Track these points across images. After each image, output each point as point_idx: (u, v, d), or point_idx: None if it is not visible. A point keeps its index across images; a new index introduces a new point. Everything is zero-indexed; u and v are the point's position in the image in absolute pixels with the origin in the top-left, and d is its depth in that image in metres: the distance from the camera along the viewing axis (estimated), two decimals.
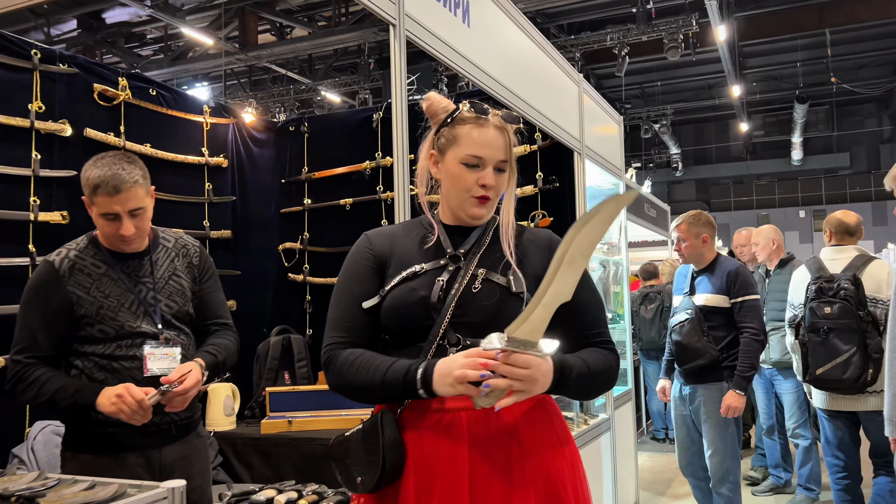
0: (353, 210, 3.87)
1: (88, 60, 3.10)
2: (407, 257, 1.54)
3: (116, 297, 2.03)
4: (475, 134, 1.49)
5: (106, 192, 1.92)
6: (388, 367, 1.41)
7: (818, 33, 15.58)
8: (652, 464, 5.67)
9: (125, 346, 2.01)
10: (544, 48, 3.17)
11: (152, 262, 2.12)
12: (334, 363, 1.48)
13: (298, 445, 3.17)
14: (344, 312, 1.52)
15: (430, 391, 1.36)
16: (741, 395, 3.37)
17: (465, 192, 1.51)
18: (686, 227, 3.58)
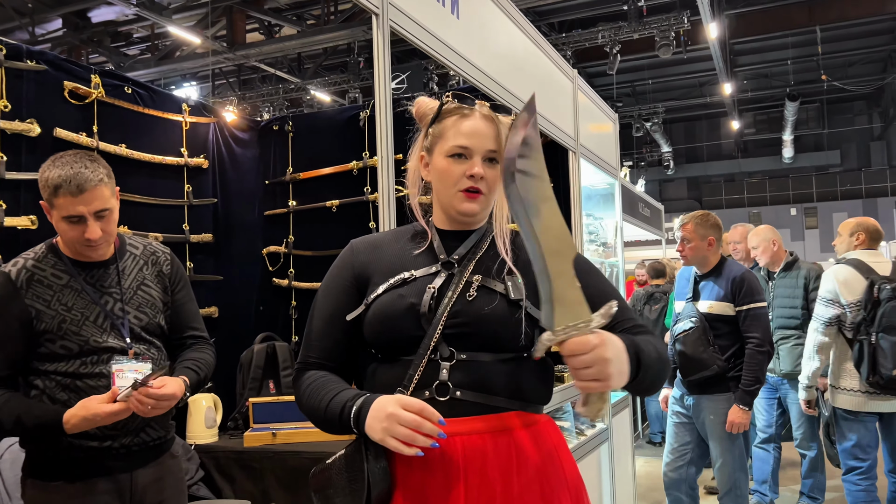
0: (339, 212, 3.72)
1: (58, 57, 2.94)
2: (396, 264, 1.42)
3: (80, 310, 1.88)
4: (460, 124, 1.39)
5: (69, 192, 1.78)
6: (332, 396, 1.33)
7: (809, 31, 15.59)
8: (649, 469, 5.55)
9: (90, 362, 1.86)
10: (538, 42, 3.04)
11: (119, 271, 1.97)
12: (298, 384, 1.41)
13: (283, 459, 3.03)
14: (315, 329, 1.44)
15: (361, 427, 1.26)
16: (745, 410, 3.23)
17: (452, 187, 1.39)
18: (693, 228, 3.42)
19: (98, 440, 1.84)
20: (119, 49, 13.78)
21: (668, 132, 21.60)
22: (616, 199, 4.37)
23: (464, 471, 1.26)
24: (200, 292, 3.55)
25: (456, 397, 1.30)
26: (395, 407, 1.20)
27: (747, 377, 3.22)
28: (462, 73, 2.28)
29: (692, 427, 3.46)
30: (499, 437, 1.29)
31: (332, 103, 14.37)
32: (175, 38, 12.58)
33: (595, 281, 1.44)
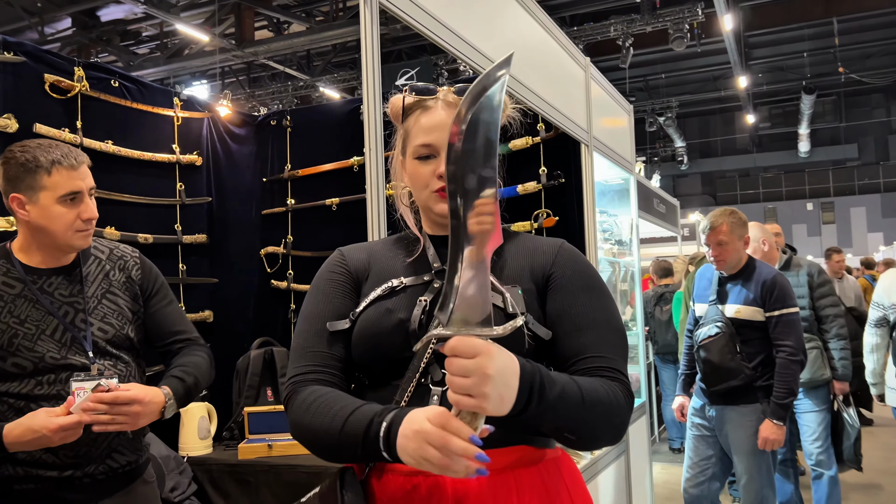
0: (340, 211, 3.55)
1: (38, 48, 2.77)
2: (385, 272, 1.25)
3: (34, 323, 1.68)
4: (422, 120, 1.24)
5: (69, 167, 1.69)
6: (350, 411, 1.08)
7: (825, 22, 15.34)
8: (666, 477, 5.35)
9: (46, 382, 1.66)
10: (548, 27, 2.85)
11: (82, 278, 1.77)
12: (293, 402, 1.16)
13: (279, 473, 2.86)
14: (311, 338, 1.21)
15: (395, 455, 1.01)
16: (779, 425, 2.97)
17: (424, 189, 1.23)
18: (729, 229, 3.12)
19: (57, 469, 1.64)
20: (128, 48, 13.72)
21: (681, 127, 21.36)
22: (631, 195, 4.16)
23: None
24: (194, 296, 3.40)
25: None
26: (422, 422, 0.97)
27: (780, 389, 2.97)
28: (464, 58, 2.09)
29: (714, 440, 3.22)
30: (497, 478, 1.11)
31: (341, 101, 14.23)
32: (183, 37, 12.50)
33: (584, 301, 1.20)
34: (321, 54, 14.61)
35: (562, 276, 1.23)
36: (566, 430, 1.09)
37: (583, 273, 1.25)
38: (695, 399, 3.32)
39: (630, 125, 4.20)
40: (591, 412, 1.07)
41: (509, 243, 1.28)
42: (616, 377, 1.15)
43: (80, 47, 12.84)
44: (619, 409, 1.11)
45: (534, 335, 1.16)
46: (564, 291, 1.21)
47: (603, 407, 1.09)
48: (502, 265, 1.24)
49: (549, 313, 1.21)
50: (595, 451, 2.80)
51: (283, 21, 12.53)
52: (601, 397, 1.09)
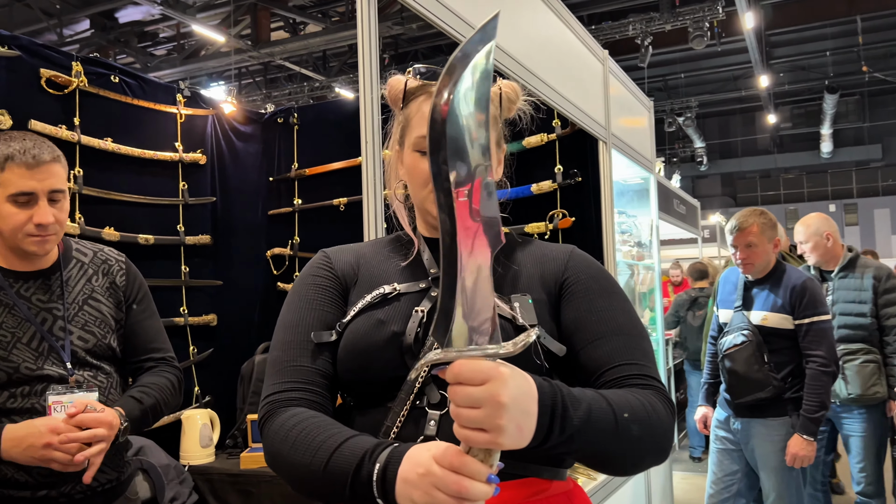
0: (348, 211, 3.44)
1: (34, 42, 2.68)
2: (375, 277, 1.11)
3: (10, 330, 1.57)
4: (425, 108, 1.08)
5: (23, 163, 1.53)
6: (336, 444, 0.92)
7: (849, 21, 15.08)
8: (686, 487, 5.18)
9: (21, 394, 1.54)
10: (565, 19, 2.71)
11: (62, 282, 1.66)
12: (269, 427, 1.01)
13: (282, 484, 2.74)
14: (293, 351, 1.06)
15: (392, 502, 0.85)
16: (809, 440, 2.79)
17: (423, 187, 1.08)
18: (759, 230, 2.93)
19: (30, 489, 1.52)
20: (145, 49, 13.76)
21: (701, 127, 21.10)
22: (651, 195, 4.01)
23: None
24: (197, 299, 3.29)
25: None
26: (429, 463, 0.81)
27: (811, 402, 2.79)
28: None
29: (739, 454, 3.04)
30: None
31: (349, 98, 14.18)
32: (200, 37, 12.49)
33: (604, 306, 1.07)
34: (337, 55, 14.56)
35: (576, 281, 1.10)
36: (600, 457, 0.94)
37: (598, 277, 1.12)
38: (719, 410, 3.15)
39: (650, 122, 4.05)
40: (627, 431, 0.92)
41: (518, 250, 1.15)
42: (651, 384, 1.01)
43: (98, 49, 12.88)
44: (659, 423, 0.97)
45: (546, 351, 1.02)
46: (581, 298, 1.08)
47: (640, 423, 0.94)
48: (513, 274, 1.10)
49: (566, 324, 1.06)
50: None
51: (298, 22, 12.50)
52: (637, 411, 0.94)
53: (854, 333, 3.39)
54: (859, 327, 3.38)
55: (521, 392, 0.80)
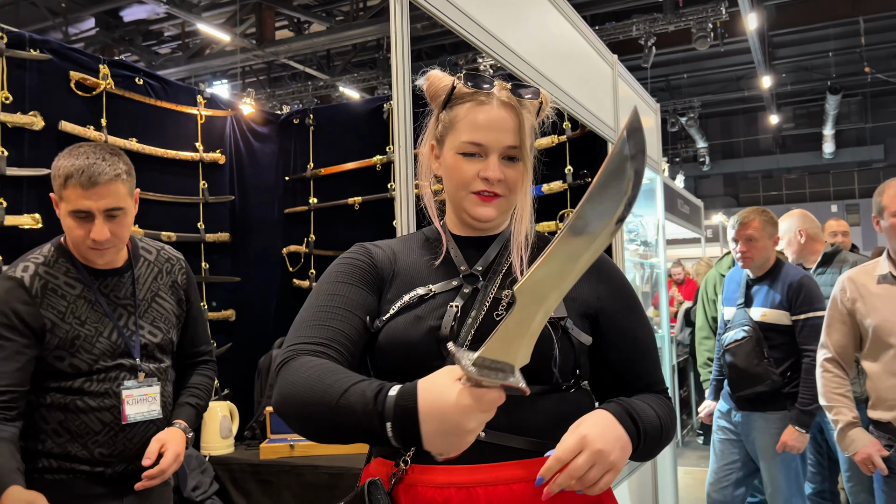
0: (362, 210, 3.52)
1: (64, 46, 2.77)
2: (411, 277, 1.19)
3: (93, 325, 1.70)
4: (474, 114, 1.15)
5: (79, 184, 1.60)
6: (351, 383, 0.93)
7: (851, 21, 15.12)
8: (690, 480, 5.27)
9: (97, 380, 1.69)
10: (575, 24, 2.80)
11: (134, 280, 1.79)
12: (284, 370, 1.02)
13: (300, 474, 2.84)
14: (323, 313, 1.10)
15: (409, 437, 0.88)
16: (802, 432, 2.91)
17: (463, 189, 1.16)
18: (760, 225, 3.04)
19: (89, 465, 1.68)
20: (150, 48, 13.84)
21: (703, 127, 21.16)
22: (658, 196, 4.10)
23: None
24: (217, 294, 3.39)
25: (480, 439, 1.01)
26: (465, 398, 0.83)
27: (805, 395, 2.90)
28: (492, 53, 2.06)
29: (740, 444, 3.16)
30: (530, 487, 1.06)
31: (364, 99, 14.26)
32: (205, 36, 12.57)
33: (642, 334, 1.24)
34: (341, 54, 14.63)
35: (608, 297, 1.22)
36: (648, 453, 1.14)
37: (624, 293, 1.25)
38: (721, 402, 3.25)
39: (657, 124, 4.14)
40: (664, 435, 1.15)
41: (538, 247, 1.22)
42: (664, 392, 1.23)
43: (103, 47, 12.97)
44: (673, 424, 1.19)
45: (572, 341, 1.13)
46: (613, 317, 1.21)
47: (669, 427, 1.17)
48: None
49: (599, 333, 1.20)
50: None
51: (303, 21, 12.57)
52: (663, 416, 1.15)
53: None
54: None
55: (604, 431, 0.99)
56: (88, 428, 1.69)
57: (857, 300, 2.49)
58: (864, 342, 2.49)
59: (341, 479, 2.69)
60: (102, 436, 1.70)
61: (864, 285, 2.49)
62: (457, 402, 0.83)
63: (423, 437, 0.86)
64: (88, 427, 1.69)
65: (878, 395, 2.44)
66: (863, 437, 2.44)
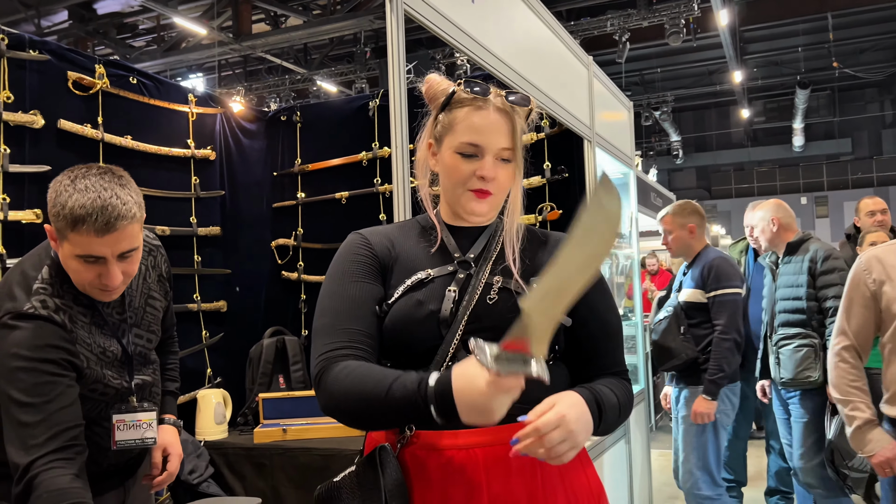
0: (349, 204, 3.65)
1: (61, 47, 2.87)
2: (409, 262, 1.31)
3: (111, 351, 1.62)
4: (473, 118, 1.27)
5: (93, 230, 1.43)
6: (394, 378, 1.14)
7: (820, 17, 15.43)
8: (663, 462, 5.48)
9: (110, 407, 1.65)
10: (553, 28, 2.95)
11: (128, 291, 1.69)
12: (327, 376, 1.18)
13: (294, 456, 2.98)
14: (341, 316, 1.24)
15: (449, 416, 1.08)
16: (709, 400, 3.19)
17: (460, 186, 1.29)
18: (670, 219, 3.46)
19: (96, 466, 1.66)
20: (125, 40, 13.73)
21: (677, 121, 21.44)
22: (631, 189, 4.28)
23: (486, 483, 1.19)
24: (209, 286, 3.50)
25: None
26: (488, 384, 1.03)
27: (713, 366, 3.20)
28: (476, 58, 2.20)
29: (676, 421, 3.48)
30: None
31: (338, 94, 14.28)
32: (181, 30, 12.52)
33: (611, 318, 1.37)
34: (318, 48, 14.64)
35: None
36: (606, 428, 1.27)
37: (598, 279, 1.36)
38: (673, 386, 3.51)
39: (630, 121, 4.32)
40: (620, 415, 1.29)
41: (530, 241, 1.37)
42: (625, 375, 1.35)
43: (76, 40, 12.86)
44: (630, 404, 1.33)
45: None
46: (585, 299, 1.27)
47: (627, 408, 1.31)
48: (528, 262, 1.32)
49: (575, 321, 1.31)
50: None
51: (280, 14, 12.57)
52: (626, 402, 1.30)
53: (792, 317, 3.40)
54: (796, 311, 3.39)
55: (579, 415, 1.13)
56: (100, 448, 1.65)
57: (885, 282, 2.23)
58: (887, 328, 2.24)
59: (333, 459, 2.83)
60: (111, 452, 1.68)
61: (894, 266, 2.24)
62: (482, 389, 1.04)
63: (460, 415, 1.07)
64: (100, 447, 1.65)
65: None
66: (882, 439, 2.24)
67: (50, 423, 1.43)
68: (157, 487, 1.82)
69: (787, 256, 3.51)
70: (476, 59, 2.17)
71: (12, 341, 1.46)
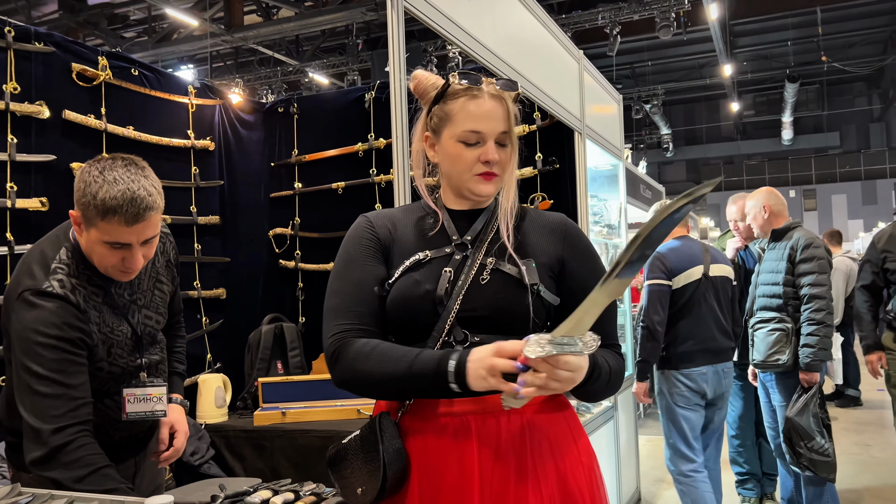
0: (345, 194, 3.73)
1: (66, 39, 2.93)
2: (409, 244, 1.41)
3: (120, 330, 1.71)
4: (470, 107, 1.35)
5: (123, 220, 1.53)
6: (414, 356, 1.26)
7: (809, 12, 15.57)
8: (650, 448, 5.61)
9: (120, 383, 1.75)
10: (544, 22, 3.04)
11: (141, 272, 1.79)
12: (346, 353, 1.30)
13: (293, 438, 3.07)
14: (349, 298, 1.35)
15: (464, 385, 1.22)
16: (639, 382, 3.47)
17: (467, 172, 1.38)
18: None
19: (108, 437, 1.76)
20: (116, 31, 13.72)
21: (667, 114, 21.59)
22: (620, 181, 4.38)
23: (478, 449, 1.28)
24: (208, 274, 3.59)
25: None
26: (492, 359, 1.18)
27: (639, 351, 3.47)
28: (470, 52, 2.29)
29: None
30: (513, 418, 1.31)
31: (330, 86, 14.32)
32: (172, 21, 12.52)
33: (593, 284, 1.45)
34: (310, 39, 14.66)
35: (573, 260, 1.42)
36: (591, 395, 1.36)
37: (588, 255, 1.46)
38: None
39: (619, 114, 4.41)
40: (610, 384, 1.35)
41: (534, 218, 1.46)
42: (618, 350, 1.42)
43: (67, 31, 12.84)
44: (622, 375, 1.40)
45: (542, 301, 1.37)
46: (576, 277, 1.41)
47: (617, 378, 1.37)
48: (528, 238, 1.41)
49: (564, 292, 1.40)
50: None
51: (272, 6, 12.58)
52: (617, 371, 1.37)
53: (769, 301, 3.53)
54: (773, 295, 3.51)
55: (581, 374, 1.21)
56: (111, 420, 1.74)
57: None
58: None
59: (331, 441, 2.87)
60: (122, 424, 1.77)
61: None
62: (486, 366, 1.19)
63: (471, 387, 1.21)
64: (111, 419, 1.74)
65: None
66: None
67: (68, 397, 1.54)
68: (164, 463, 1.91)
69: (772, 243, 3.61)
70: (469, 52, 2.25)
71: (34, 318, 1.56)
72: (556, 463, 1.33)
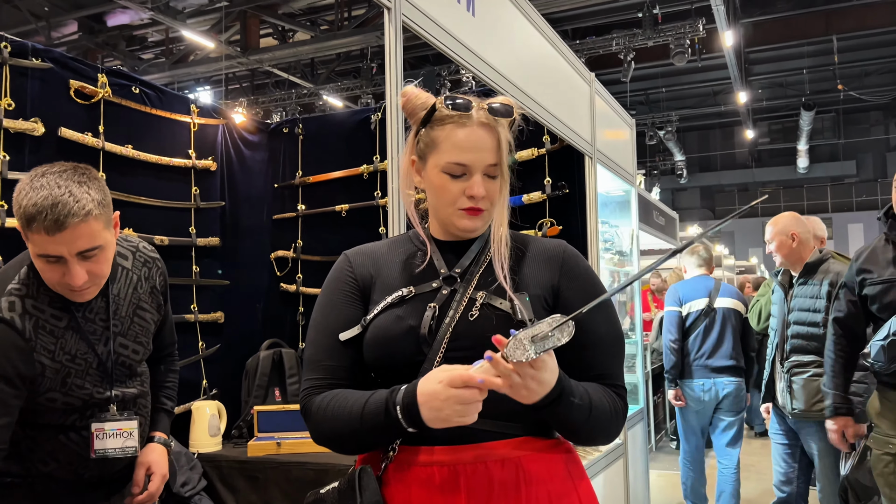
0: (349, 216, 3.64)
1: (64, 55, 2.88)
2: (393, 280, 1.30)
3: (83, 357, 1.57)
4: (457, 136, 1.24)
5: (43, 228, 1.40)
6: (365, 400, 1.18)
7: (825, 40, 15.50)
8: (661, 483, 5.43)
9: (88, 416, 1.62)
10: (555, 44, 2.96)
11: (112, 298, 1.65)
12: (310, 411, 1.24)
13: (288, 470, 2.95)
14: (321, 350, 1.28)
15: (418, 423, 1.11)
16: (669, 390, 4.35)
17: (450, 206, 1.27)
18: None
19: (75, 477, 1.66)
20: (133, 52, 13.86)
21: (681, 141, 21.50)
22: (632, 207, 4.27)
23: (467, 502, 1.17)
24: (207, 297, 3.49)
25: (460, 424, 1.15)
26: (446, 391, 1.08)
27: None
28: (477, 73, 2.20)
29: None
30: (506, 466, 1.19)
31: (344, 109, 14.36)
32: (189, 43, 12.63)
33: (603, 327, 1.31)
34: (325, 63, 14.75)
35: (567, 288, 1.30)
36: (571, 429, 1.22)
37: (586, 285, 1.33)
38: None
39: (632, 139, 4.31)
40: (594, 420, 1.21)
41: (532, 248, 1.34)
42: (618, 391, 1.29)
43: (85, 52, 12.97)
44: (617, 419, 1.26)
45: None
46: (568, 307, 1.25)
47: (605, 417, 1.23)
48: (525, 271, 1.30)
49: None
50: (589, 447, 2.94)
51: (288, 29, 12.67)
52: (605, 409, 1.23)
53: (807, 344, 3.18)
54: (812, 338, 3.15)
55: (551, 373, 1.12)
56: (79, 456, 1.62)
57: None
58: None
59: (326, 474, 2.81)
60: (91, 461, 1.64)
61: None
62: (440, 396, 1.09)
63: (424, 419, 1.11)
64: (79, 455, 1.62)
65: None
66: None
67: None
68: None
69: (802, 277, 3.26)
70: (475, 72, 2.17)
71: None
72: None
